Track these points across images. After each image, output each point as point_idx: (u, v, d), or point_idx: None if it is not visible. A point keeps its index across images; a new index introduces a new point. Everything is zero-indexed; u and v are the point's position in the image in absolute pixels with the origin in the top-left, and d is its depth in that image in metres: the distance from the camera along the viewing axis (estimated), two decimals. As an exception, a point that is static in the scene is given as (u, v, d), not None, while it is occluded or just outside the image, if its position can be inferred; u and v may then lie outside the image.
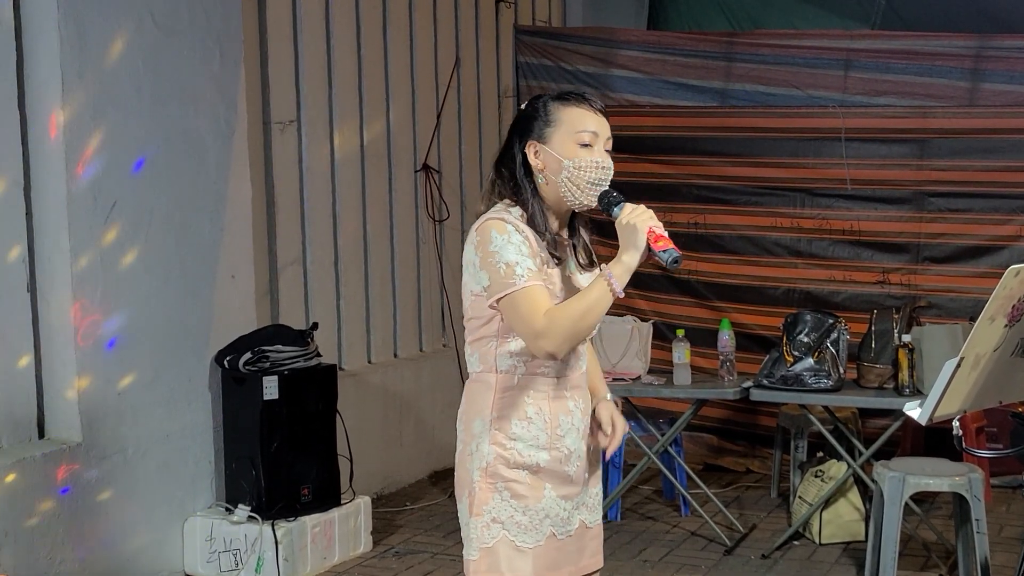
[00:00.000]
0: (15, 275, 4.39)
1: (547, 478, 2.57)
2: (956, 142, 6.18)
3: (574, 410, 2.61)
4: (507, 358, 2.55)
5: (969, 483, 4.36)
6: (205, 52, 4.94)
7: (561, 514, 2.61)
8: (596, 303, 2.43)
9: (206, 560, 4.87)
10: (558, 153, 2.52)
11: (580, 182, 2.52)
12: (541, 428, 2.55)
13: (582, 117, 2.55)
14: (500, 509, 2.55)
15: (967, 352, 2.24)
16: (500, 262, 2.46)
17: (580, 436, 2.62)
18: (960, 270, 6.20)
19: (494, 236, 2.49)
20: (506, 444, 2.54)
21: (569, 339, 2.44)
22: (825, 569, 4.92)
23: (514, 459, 2.55)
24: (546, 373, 2.56)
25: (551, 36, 7.27)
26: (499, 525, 2.55)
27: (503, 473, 2.54)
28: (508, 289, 2.45)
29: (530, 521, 2.56)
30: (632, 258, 2.43)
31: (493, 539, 2.55)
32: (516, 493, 2.55)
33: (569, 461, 2.60)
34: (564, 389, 2.59)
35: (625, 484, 5.56)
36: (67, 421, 4.51)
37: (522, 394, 2.55)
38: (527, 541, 2.56)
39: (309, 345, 5.06)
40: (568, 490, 2.61)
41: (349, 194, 6.05)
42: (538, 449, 2.55)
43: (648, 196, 6.67)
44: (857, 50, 6.42)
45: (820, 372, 4.96)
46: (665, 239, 2.42)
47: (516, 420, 2.55)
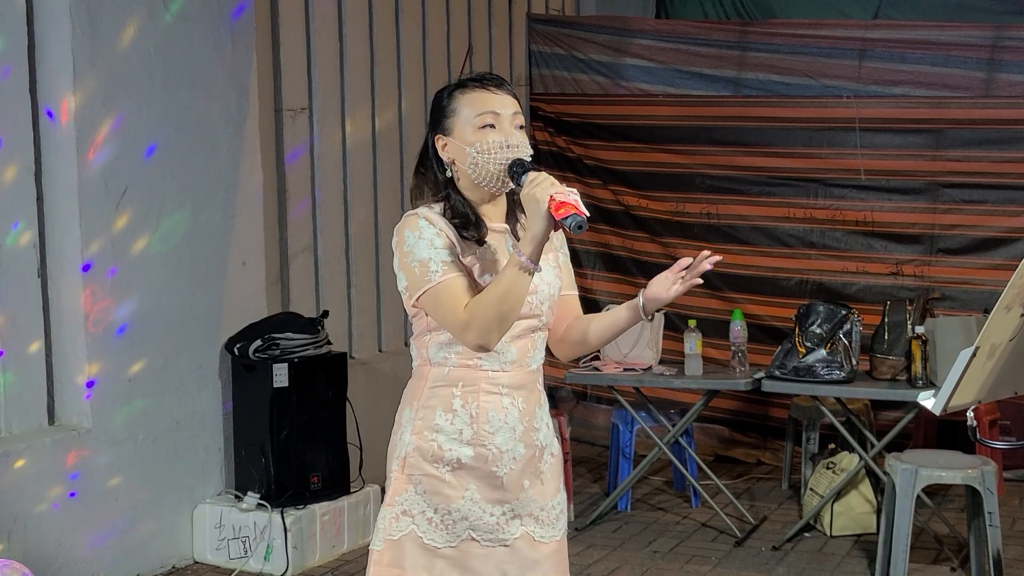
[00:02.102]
0: (26, 261, 4.39)
1: (471, 478, 2.45)
2: (971, 133, 6.14)
3: (510, 408, 2.47)
4: (438, 350, 2.47)
5: (982, 476, 4.34)
6: (217, 39, 4.93)
7: (486, 519, 2.46)
8: (512, 284, 2.34)
9: (215, 547, 4.88)
10: (461, 142, 2.46)
11: (488, 164, 2.43)
12: (466, 422, 2.44)
13: (479, 100, 2.47)
14: (412, 502, 2.46)
15: (982, 342, 2.21)
16: (414, 261, 2.41)
17: (517, 437, 2.47)
18: (974, 262, 6.16)
19: (407, 235, 2.43)
20: (427, 436, 2.45)
21: (495, 326, 2.35)
22: (836, 561, 4.90)
23: (433, 452, 2.44)
24: (479, 366, 2.45)
25: (564, 25, 7.24)
26: (409, 519, 2.46)
27: (420, 465, 2.45)
28: (425, 286, 2.40)
29: (442, 520, 2.45)
30: (536, 229, 2.32)
31: (400, 532, 2.46)
32: (432, 489, 2.45)
33: (499, 462, 2.45)
34: (499, 385, 2.46)
35: (635, 475, 5.55)
36: (77, 407, 4.52)
37: (451, 386, 2.46)
38: (436, 540, 2.45)
39: (319, 333, 5.05)
40: (497, 495, 2.46)
41: (360, 182, 6.03)
42: (460, 444, 2.44)
43: (661, 186, 6.77)
44: (872, 39, 6.38)
45: (832, 363, 4.93)
46: (568, 204, 2.29)
47: (440, 411, 2.45)
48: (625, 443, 5.67)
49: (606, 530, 5.36)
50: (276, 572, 4.76)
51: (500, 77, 2.56)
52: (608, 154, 6.92)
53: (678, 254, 6.68)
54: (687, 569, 4.85)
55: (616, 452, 5.76)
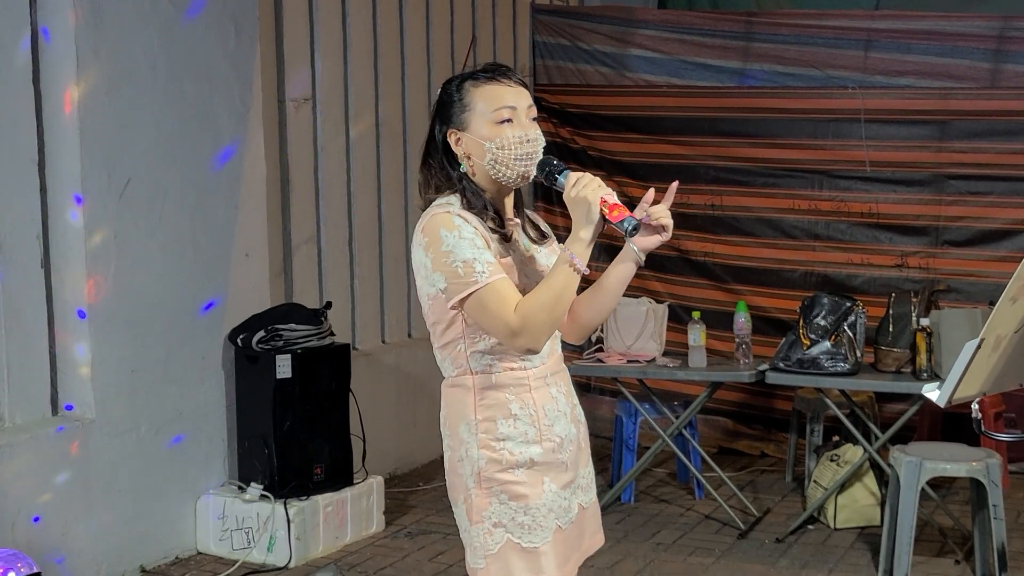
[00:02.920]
0: (29, 251, 4.39)
1: (544, 471, 2.48)
2: (977, 124, 6.12)
3: (557, 396, 2.52)
4: (479, 358, 2.44)
5: (987, 468, 4.33)
6: (220, 29, 4.92)
7: (563, 504, 2.52)
8: (564, 288, 2.34)
9: (218, 538, 4.88)
10: (479, 137, 2.43)
11: (507, 160, 2.41)
12: (528, 423, 2.45)
13: (496, 94, 2.43)
14: (500, 513, 2.46)
15: (987, 333, 2.20)
16: (456, 261, 2.36)
17: (569, 420, 2.53)
18: (979, 254, 6.14)
19: (444, 235, 2.38)
20: (495, 446, 2.44)
21: (546, 330, 2.36)
22: (840, 554, 4.89)
23: (506, 459, 2.45)
24: (523, 367, 2.46)
25: (568, 15, 7.22)
26: (502, 529, 2.46)
27: (497, 476, 2.45)
28: (470, 288, 2.34)
29: (533, 520, 2.46)
30: (588, 233, 2.32)
31: (497, 544, 2.45)
32: (514, 494, 2.45)
33: (562, 448, 2.50)
34: (544, 378, 2.49)
35: (639, 467, 5.54)
36: (80, 398, 4.52)
37: (502, 392, 2.45)
38: (534, 540, 2.46)
39: (323, 324, 5.05)
40: (566, 478, 2.52)
41: (364, 173, 6.03)
42: (529, 444, 2.46)
43: (665, 177, 6.71)
44: (878, 30, 6.36)
45: (837, 355, 4.92)
46: (620, 207, 2.30)
47: (502, 420, 2.45)
48: (629, 435, 5.67)
49: (609, 522, 5.35)
50: (279, 563, 4.77)
51: (510, 68, 2.53)
52: (612, 145, 6.90)
53: (682, 245, 6.70)
54: (690, 561, 4.85)
55: (620, 444, 5.76)
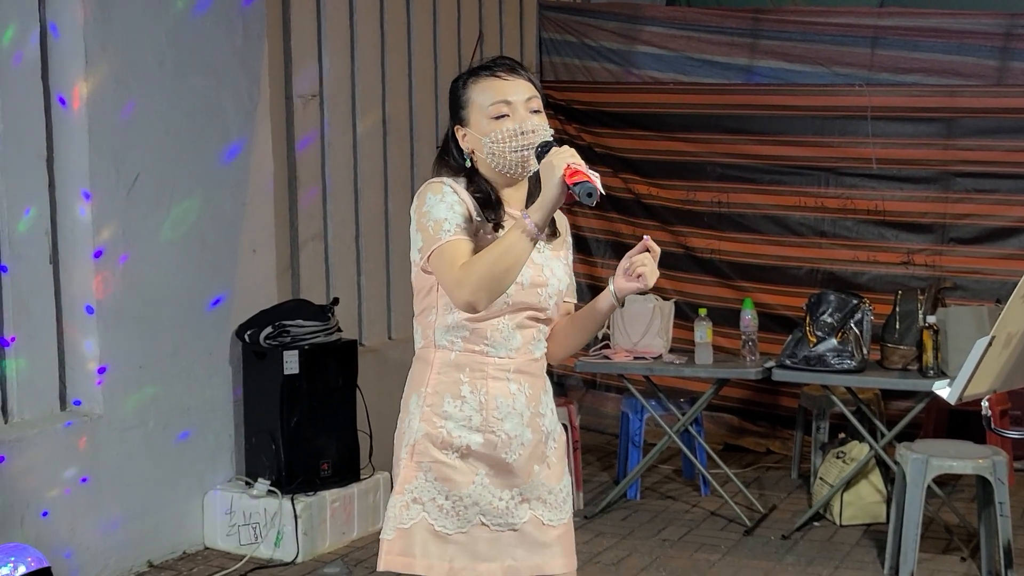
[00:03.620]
0: (38, 247, 4.40)
1: (480, 463, 2.45)
2: (984, 122, 6.11)
3: (517, 394, 2.47)
4: (445, 332, 2.45)
5: (993, 466, 4.33)
6: (228, 26, 4.93)
7: (496, 504, 2.47)
8: (512, 246, 2.30)
9: (226, 534, 4.89)
10: (478, 132, 2.46)
11: (505, 153, 2.43)
12: (475, 408, 2.43)
13: (491, 89, 2.46)
14: (423, 489, 2.44)
15: (998, 331, 2.20)
16: (430, 220, 2.40)
17: (524, 423, 2.47)
18: (986, 251, 6.14)
19: (428, 198, 2.43)
20: (436, 422, 2.44)
21: (486, 285, 2.31)
22: (845, 551, 4.89)
23: (443, 439, 2.43)
24: (486, 352, 2.44)
25: (575, 12, 7.22)
26: (419, 506, 2.44)
27: (431, 452, 2.44)
28: (435, 244, 2.38)
29: (453, 506, 2.44)
30: (547, 195, 2.29)
31: (411, 520, 2.44)
32: (442, 475, 2.44)
33: (509, 448, 2.45)
34: (507, 371, 2.46)
35: (645, 463, 5.55)
36: (89, 393, 4.53)
37: (458, 372, 2.44)
38: (447, 527, 2.44)
39: (330, 320, 5.06)
40: (507, 479, 2.47)
41: (371, 169, 6.03)
42: (470, 431, 2.43)
43: (671, 174, 6.75)
44: (884, 27, 6.35)
45: (843, 353, 4.92)
46: (580, 173, 2.27)
47: (449, 398, 2.44)
48: (635, 431, 5.68)
49: (615, 518, 5.36)
50: (286, 558, 4.78)
51: (513, 61, 2.54)
52: (619, 142, 6.90)
53: (688, 242, 6.70)
54: (696, 557, 4.85)
55: (625, 440, 5.77)
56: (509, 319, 2.47)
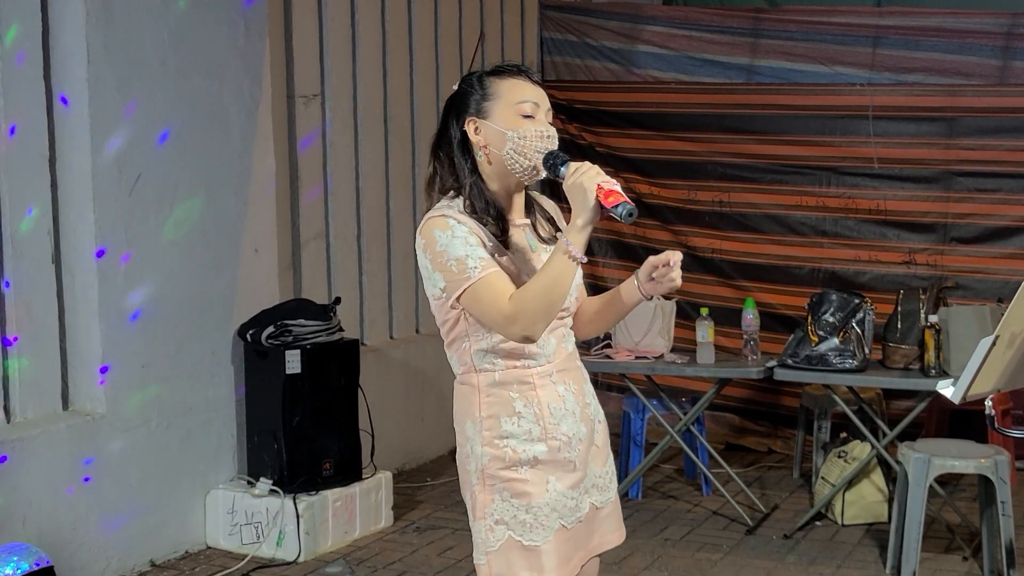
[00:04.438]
0: (40, 247, 4.40)
1: (549, 470, 2.48)
2: (985, 121, 6.12)
3: (565, 395, 2.51)
4: (483, 356, 2.46)
5: (995, 465, 4.33)
6: (230, 25, 4.93)
7: (568, 504, 2.51)
8: (560, 275, 2.33)
9: (228, 533, 4.90)
10: (500, 126, 2.43)
11: (527, 151, 2.42)
12: (532, 421, 2.46)
13: (521, 88, 2.46)
14: (502, 510, 2.46)
15: (1002, 331, 2.20)
16: (450, 259, 2.38)
17: (578, 420, 2.52)
18: (988, 251, 6.14)
19: (438, 236, 2.40)
20: (498, 444, 2.45)
21: (541, 317, 2.34)
22: (847, 550, 4.90)
23: (509, 457, 2.45)
24: (526, 364, 2.46)
25: (576, 11, 7.23)
26: (503, 526, 2.46)
27: (500, 473, 2.46)
28: (465, 284, 2.37)
29: (535, 518, 2.47)
30: (584, 219, 2.31)
31: (498, 541, 2.46)
32: (517, 492, 2.46)
33: (569, 447, 2.50)
34: (549, 375, 2.49)
35: (647, 463, 5.55)
36: (91, 393, 4.53)
37: (506, 389, 2.46)
38: (535, 539, 2.46)
39: (332, 319, 5.06)
40: (573, 478, 2.51)
41: (372, 169, 6.03)
42: (533, 442, 2.46)
43: (673, 173, 6.75)
44: (886, 27, 6.35)
45: (845, 352, 4.92)
46: (616, 193, 2.29)
47: (505, 417, 2.45)
48: (636, 431, 5.68)
49: (617, 517, 5.36)
50: (288, 557, 4.78)
51: (531, 69, 2.56)
52: (620, 141, 6.90)
53: (690, 242, 6.70)
54: (698, 557, 4.86)
55: (627, 440, 5.77)
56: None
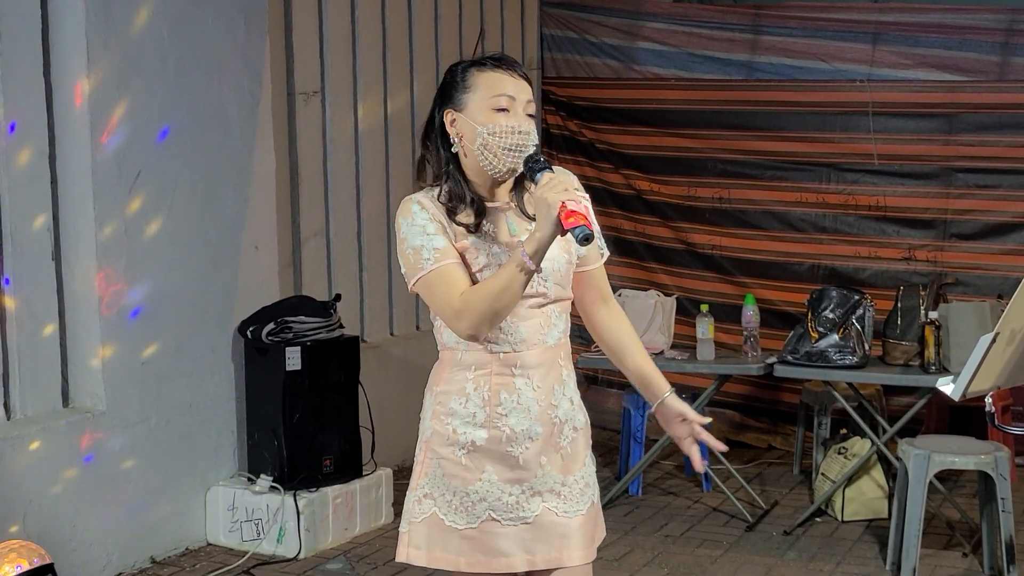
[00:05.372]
0: (40, 243, 4.40)
1: (487, 459, 2.47)
2: (985, 117, 6.11)
3: (523, 388, 2.47)
4: (451, 335, 2.49)
5: (995, 461, 4.33)
6: (230, 22, 4.92)
7: (505, 499, 2.48)
8: (510, 282, 2.33)
9: (228, 530, 4.90)
10: (473, 120, 2.43)
11: (496, 148, 2.41)
12: (478, 405, 2.46)
13: (498, 81, 2.45)
14: (433, 485, 2.50)
15: (1002, 327, 2.20)
16: (408, 248, 2.43)
17: (532, 417, 2.47)
18: (988, 247, 6.14)
19: (401, 222, 2.46)
20: (444, 420, 2.49)
21: (487, 319, 2.36)
22: (847, 546, 4.90)
23: (449, 436, 2.48)
24: (490, 348, 2.46)
25: (576, 8, 7.21)
26: (431, 501, 2.50)
27: (438, 449, 2.49)
28: (418, 274, 2.42)
29: (460, 502, 2.48)
30: (543, 233, 2.30)
31: (423, 515, 2.50)
32: (449, 472, 2.48)
33: (514, 442, 2.46)
34: (511, 366, 2.46)
35: (647, 459, 5.55)
36: (91, 390, 4.53)
37: (465, 370, 2.48)
38: (457, 522, 2.48)
39: (332, 316, 5.06)
40: (515, 474, 2.47)
41: (372, 165, 6.03)
42: (475, 427, 2.46)
43: (672, 170, 6.75)
44: (886, 23, 6.35)
45: (845, 348, 4.92)
46: (577, 214, 2.26)
47: (455, 395, 2.48)
48: (636, 427, 5.68)
49: (617, 514, 5.36)
50: (289, 554, 4.78)
51: (516, 60, 2.55)
52: (620, 138, 6.90)
53: (689, 238, 6.70)
54: (698, 553, 4.86)
55: (627, 436, 5.77)
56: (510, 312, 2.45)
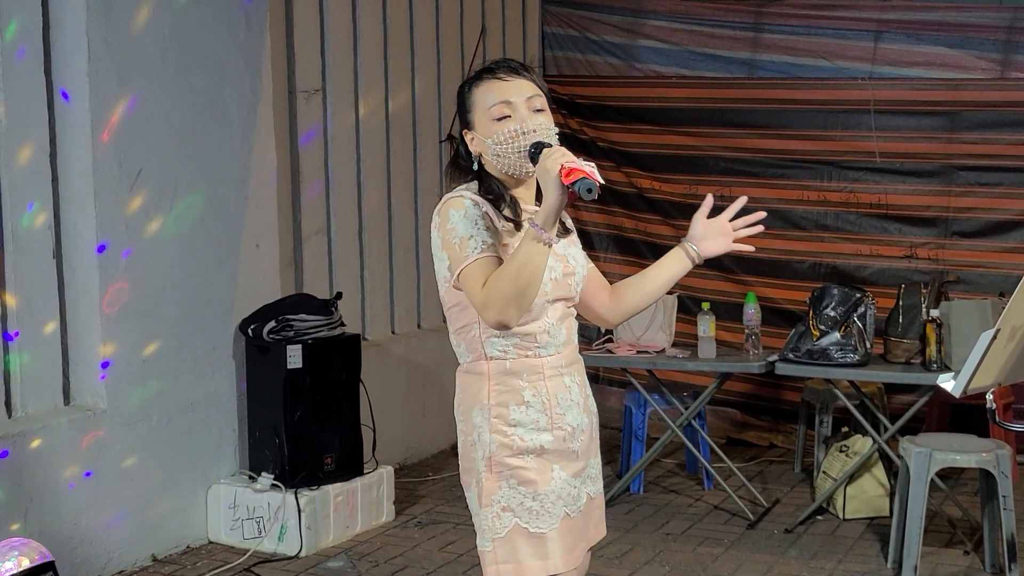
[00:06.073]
0: (41, 242, 4.40)
1: (554, 459, 2.52)
2: (987, 115, 6.11)
3: (571, 385, 2.56)
4: (494, 343, 2.49)
5: (996, 459, 4.33)
6: (231, 20, 4.92)
7: (572, 492, 2.56)
8: (528, 257, 2.31)
9: (229, 528, 4.90)
10: (482, 135, 2.49)
11: (509, 154, 2.45)
12: (540, 411, 2.50)
13: (491, 91, 2.49)
14: (509, 497, 2.50)
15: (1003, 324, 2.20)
16: (455, 238, 2.42)
17: (581, 410, 2.57)
18: (989, 245, 6.14)
19: (452, 214, 2.44)
20: (507, 431, 2.49)
21: (511, 301, 2.33)
22: (849, 544, 4.90)
23: (517, 445, 2.49)
24: (537, 354, 2.50)
25: (577, 6, 7.21)
26: (510, 513, 2.50)
27: (507, 461, 2.49)
28: (464, 263, 2.40)
29: (541, 506, 2.51)
30: (550, 200, 2.30)
31: (505, 528, 2.50)
32: (524, 479, 2.50)
33: (573, 438, 2.55)
34: (558, 367, 2.53)
35: (648, 457, 5.55)
36: (92, 388, 4.54)
37: (516, 379, 2.49)
38: (541, 526, 2.50)
39: (333, 314, 5.06)
40: (576, 467, 2.56)
41: (374, 163, 6.03)
42: (539, 432, 2.50)
43: (674, 168, 6.74)
44: (887, 21, 6.34)
45: (846, 346, 4.92)
46: (576, 170, 2.26)
47: (514, 406, 2.49)
48: (638, 425, 5.68)
49: (619, 512, 5.36)
50: (290, 552, 4.78)
51: (515, 62, 2.56)
52: (621, 136, 6.90)
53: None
54: (700, 551, 4.86)
55: (629, 434, 5.77)
56: (552, 316, 2.52)
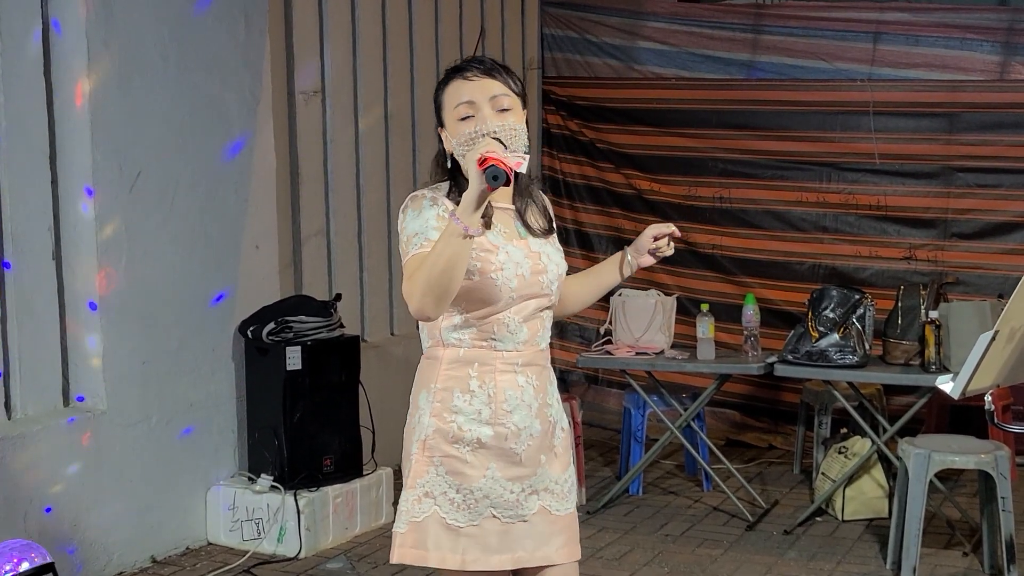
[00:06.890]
0: (41, 243, 4.40)
1: (491, 457, 2.48)
2: (986, 116, 6.12)
3: (525, 386, 2.50)
4: (452, 331, 2.48)
5: (995, 461, 4.34)
6: (230, 21, 4.93)
7: (507, 496, 2.49)
8: (443, 249, 2.29)
9: (229, 529, 4.90)
10: (450, 134, 2.51)
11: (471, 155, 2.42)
12: (484, 402, 2.47)
13: (455, 92, 2.50)
14: (434, 483, 2.47)
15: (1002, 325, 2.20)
16: (405, 235, 2.46)
17: (533, 414, 2.51)
18: (988, 246, 6.14)
19: (408, 212, 2.48)
20: (447, 417, 2.47)
21: (428, 291, 2.31)
22: (848, 546, 4.90)
23: (453, 433, 2.46)
24: (494, 346, 2.48)
25: (576, 7, 7.22)
26: (431, 500, 2.47)
27: (441, 447, 2.47)
28: (404, 257, 2.44)
29: (464, 500, 2.47)
30: (470, 190, 2.28)
31: (423, 514, 2.47)
32: (453, 469, 2.46)
33: (517, 439, 2.49)
34: (514, 363, 2.49)
35: (647, 459, 5.55)
36: (92, 389, 4.54)
37: (467, 367, 2.47)
38: (459, 520, 2.46)
39: (332, 316, 5.06)
40: (517, 471, 2.50)
41: (373, 165, 6.03)
42: (480, 424, 2.46)
43: (673, 169, 6.75)
44: (886, 22, 6.35)
45: (845, 348, 4.92)
46: (490, 159, 2.24)
47: (459, 393, 2.47)
48: (637, 427, 5.68)
49: (618, 513, 5.37)
50: (289, 554, 4.78)
51: (489, 60, 2.55)
52: (620, 138, 6.90)
53: (690, 238, 6.70)
54: (699, 553, 4.86)
55: (628, 436, 5.77)
56: (515, 313, 2.50)
